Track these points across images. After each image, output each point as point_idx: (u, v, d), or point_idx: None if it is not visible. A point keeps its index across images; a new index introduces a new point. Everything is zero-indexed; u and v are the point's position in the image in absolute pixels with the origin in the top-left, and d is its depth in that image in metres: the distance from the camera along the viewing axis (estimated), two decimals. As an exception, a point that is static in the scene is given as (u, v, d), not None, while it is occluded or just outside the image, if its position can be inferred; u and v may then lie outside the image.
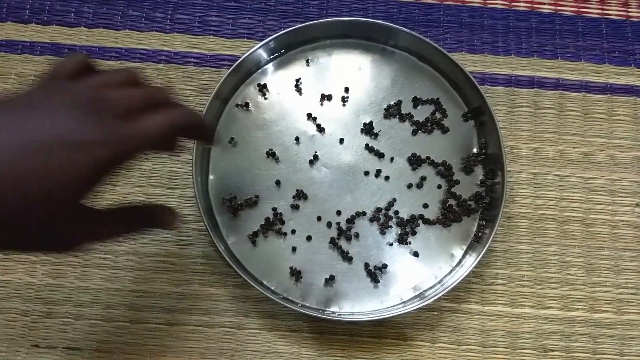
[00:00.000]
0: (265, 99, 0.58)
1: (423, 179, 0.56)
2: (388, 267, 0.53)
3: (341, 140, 0.57)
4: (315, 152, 0.56)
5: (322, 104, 0.58)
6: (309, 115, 0.57)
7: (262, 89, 0.58)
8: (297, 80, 0.58)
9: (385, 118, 0.58)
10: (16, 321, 0.53)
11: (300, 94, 0.58)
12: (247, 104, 0.57)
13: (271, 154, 0.56)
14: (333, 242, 0.54)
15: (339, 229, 0.54)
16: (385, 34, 0.58)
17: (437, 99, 0.57)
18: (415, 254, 0.54)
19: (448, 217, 0.55)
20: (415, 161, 0.56)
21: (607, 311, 0.54)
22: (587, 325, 0.54)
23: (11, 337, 0.52)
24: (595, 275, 0.55)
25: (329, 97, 0.58)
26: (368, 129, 0.57)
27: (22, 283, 0.54)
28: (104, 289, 0.54)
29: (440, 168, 0.56)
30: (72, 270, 0.54)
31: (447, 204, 0.55)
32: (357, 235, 0.54)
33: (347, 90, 0.58)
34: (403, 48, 0.59)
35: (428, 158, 0.56)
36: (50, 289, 0.54)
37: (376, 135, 0.57)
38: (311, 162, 0.56)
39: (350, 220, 0.55)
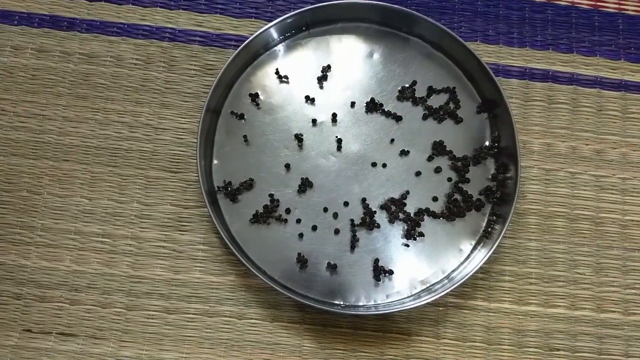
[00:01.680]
0: (259, 108, 0.55)
1: (438, 170, 0.54)
2: (394, 260, 0.52)
3: (352, 127, 0.55)
4: (337, 136, 0.55)
5: (329, 90, 0.56)
6: (315, 101, 0.56)
7: (255, 98, 0.55)
8: (305, 65, 0.56)
9: (398, 100, 0.56)
10: (8, 305, 0.51)
11: (308, 79, 0.56)
12: (254, 102, 0.55)
13: (298, 138, 0.54)
14: (339, 231, 0.52)
15: (351, 222, 0.53)
16: (400, 20, 0.56)
17: (453, 88, 0.56)
18: (406, 245, 0.52)
19: (452, 211, 0.53)
20: (436, 150, 0.55)
21: (614, 311, 0.53)
22: (593, 325, 0.53)
23: (3, 321, 0.50)
24: (604, 274, 0.54)
25: (338, 84, 0.56)
26: (372, 107, 0.55)
27: (15, 265, 0.52)
28: (101, 273, 0.52)
29: (459, 163, 0.54)
30: (68, 253, 0.52)
31: (453, 198, 0.54)
32: (370, 227, 0.53)
33: (326, 69, 0.56)
34: (417, 35, 0.57)
35: (451, 152, 0.55)
36: (45, 272, 0.52)
37: (384, 109, 0.56)
38: (337, 148, 0.55)
39: (362, 211, 0.53)
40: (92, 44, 0.58)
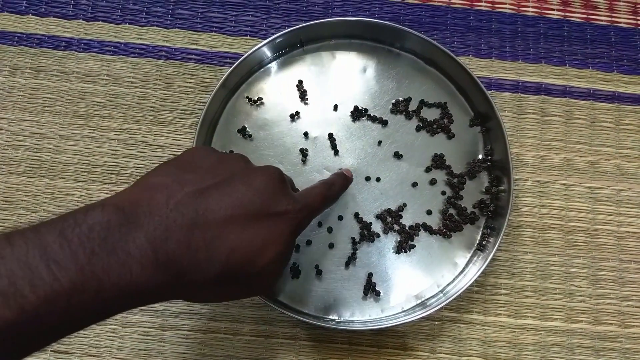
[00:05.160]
0: (250, 135, 0.56)
1: (433, 182, 0.54)
2: (389, 274, 0.52)
3: (345, 141, 0.56)
4: (333, 140, 0.55)
5: (323, 105, 0.57)
6: (307, 117, 0.56)
7: (244, 131, 0.56)
8: (300, 81, 0.57)
9: (392, 113, 0.56)
10: (4, 322, 0.51)
11: (302, 94, 0.57)
12: (254, 100, 0.56)
13: (303, 152, 0.55)
14: (334, 246, 0.52)
15: (352, 240, 0.53)
16: (392, 36, 0.57)
17: (445, 103, 0.56)
18: (397, 253, 0.53)
19: (448, 226, 0.53)
20: (435, 162, 0.55)
21: (611, 324, 0.53)
22: (590, 337, 0.53)
23: (-2, 338, 0.50)
24: (600, 287, 0.54)
25: (332, 100, 0.57)
26: (357, 115, 0.56)
27: (11, 282, 0.52)
28: (96, 290, 0.52)
29: (454, 180, 0.54)
30: (63, 270, 0.52)
31: (448, 214, 0.54)
32: (372, 239, 0.53)
33: (300, 85, 0.57)
34: (409, 50, 0.57)
35: (449, 167, 0.55)
36: (41, 289, 0.52)
37: (369, 114, 0.56)
38: (334, 154, 0.56)
39: (357, 226, 0.53)
40: (90, 63, 0.59)
